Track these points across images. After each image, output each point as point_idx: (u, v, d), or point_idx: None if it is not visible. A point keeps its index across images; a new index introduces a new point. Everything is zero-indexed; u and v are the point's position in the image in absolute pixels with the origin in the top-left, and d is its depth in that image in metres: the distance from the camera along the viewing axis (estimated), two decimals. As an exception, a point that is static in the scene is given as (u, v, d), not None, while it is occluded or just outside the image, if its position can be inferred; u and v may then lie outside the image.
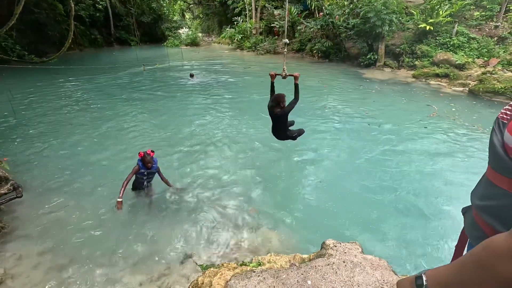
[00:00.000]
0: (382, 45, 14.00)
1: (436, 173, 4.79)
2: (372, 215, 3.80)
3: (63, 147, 5.70)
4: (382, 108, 8.22)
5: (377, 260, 2.04)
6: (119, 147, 5.71)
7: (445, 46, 12.69)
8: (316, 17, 17.81)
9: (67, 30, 18.11)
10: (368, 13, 12.88)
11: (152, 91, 10.31)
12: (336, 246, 2.23)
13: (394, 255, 3.09)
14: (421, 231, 3.50)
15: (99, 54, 21.81)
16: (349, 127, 6.84)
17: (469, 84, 10.25)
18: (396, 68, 13.87)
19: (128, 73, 13.81)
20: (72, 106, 8.45)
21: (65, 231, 3.50)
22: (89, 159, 5.23)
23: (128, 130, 6.64)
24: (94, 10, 23.27)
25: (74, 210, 3.87)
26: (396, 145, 5.82)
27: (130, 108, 8.16)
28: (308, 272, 1.94)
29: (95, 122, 7.05)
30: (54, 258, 3.13)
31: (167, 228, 3.56)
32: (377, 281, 1.83)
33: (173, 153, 5.49)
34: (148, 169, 3.82)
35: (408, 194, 4.24)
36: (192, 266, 2.86)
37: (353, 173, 4.86)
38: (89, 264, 3.04)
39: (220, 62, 17.73)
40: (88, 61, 17.53)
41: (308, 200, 4.16)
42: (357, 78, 12.60)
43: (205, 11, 37.82)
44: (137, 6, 28.46)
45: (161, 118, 7.39)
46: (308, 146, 5.80)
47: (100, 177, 4.63)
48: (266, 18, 23.05)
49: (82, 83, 11.50)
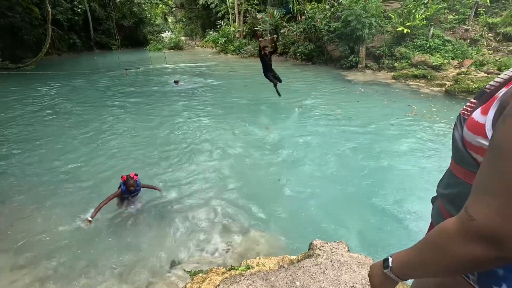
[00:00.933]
0: (363, 47, 14.39)
1: (417, 169, 4.95)
2: (357, 213, 3.88)
3: (38, 155, 5.49)
4: (365, 108, 8.44)
5: (363, 258, 2.09)
6: (99, 156, 5.55)
7: (422, 48, 13.19)
8: (299, 20, 18.10)
9: (44, 34, 17.54)
10: (348, 17, 13.22)
11: (134, 96, 10.12)
12: (323, 246, 2.26)
13: (380, 251, 3.16)
14: (404, 226, 3.61)
15: (79, 59, 21.21)
16: (331, 128, 6.97)
17: (445, 85, 10.68)
18: (376, 69, 14.27)
19: (110, 77, 13.50)
20: (49, 112, 8.16)
21: (43, 243, 3.36)
22: (66, 167, 5.06)
23: (108, 137, 6.47)
24: (73, 14, 22.64)
25: (52, 221, 3.72)
26: (376, 144, 5.98)
27: (111, 115, 7.96)
28: (296, 273, 1.96)
29: (73, 130, 6.83)
30: (34, 272, 3.00)
31: (153, 235, 3.49)
32: (364, 279, 1.87)
33: (155, 160, 5.40)
34: (131, 192, 3.78)
35: (391, 191, 4.36)
36: (180, 273, 2.81)
37: (336, 173, 4.95)
38: (72, 275, 2.93)
39: (204, 66, 17.66)
40: (67, 66, 16.98)
41: (294, 201, 4.20)
42: (340, 79, 12.87)
43: (187, 15, 37.59)
44: (118, 9, 27.91)
45: (143, 124, 7.26)
46: (290, 148, 5.87)
47: (79, 186, 4.49)
48: (250, 22, 23.19)
49: (61, 89, 11.12)
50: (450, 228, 0.52)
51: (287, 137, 6.42)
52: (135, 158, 5.45)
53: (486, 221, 0.47)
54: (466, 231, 0.49)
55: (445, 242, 0.53)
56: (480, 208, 0.48)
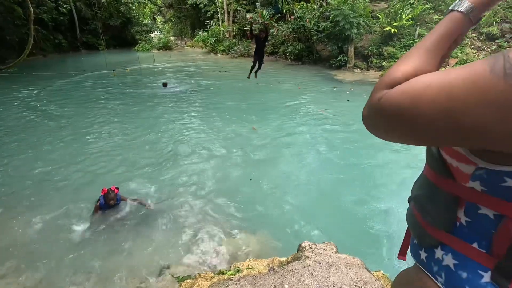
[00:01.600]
0: (352, 47, 14.55)
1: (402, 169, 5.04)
2: (345, 213, 3.92)
3: (19, 160, 5.33)
4: (355, 107, 8.54)
5: (351, 259, 2.10)
6: (82, 160, 5.40)
7: (409, 47, 13.42)
8: (288, 20, 18.16)
9: (27, 34, 17.04)
10: (337, 17, 13.34)
11: (121, 98, 9.91)
12: (311, 247, 2.26)
13: (367, 251, 3.20)
14: (391, 223, 3.66)
15: (65, 60, 20.74)
16: (322, 127, 7.02)
17: (431, 83, 10.90)
18: (365, 69, 14.46)
19: (97, 78, 13.23)
20: (32, 115, 7.92)
21: (29, 250, 3.26)
22: (47, 171, 4.91)
23: (92, 141, 6.30)
24: (57, 13, 22.08)
25: (37, 228, 3.62)
26: (364, 143, 6.06)
27: (96, 117, 7.74)
28: (285, 276, 1.95)
29: (56, 133, 6.64)
30: (20, 280, 2.91)
31: (140, 241, 3.43)
32: (351, 280, 1.88)
33: (140, 163, 5.29)
34: (110, 206, 3.63)
35: (378, 191, 4.42)
36: (169, 279, 2.77)
37: (325, 175, 4.99)
38: (59, 284, 2.86)
39: (194, 66, 17.51)
40: (52, 67, 16.54)
41: (283, 202, 4.21)
42: (330, 79, 12.98)
43: (176, 14, 37.22)
44: (104, 9, 27.38)
45: (129, 127, 7.09)
46: (277, 149, 5.89)
47: (61, 192, 4.37)
48: (239, 22, 23.13)
49: (44, 91, 10.78)
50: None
51: (275, 138, 6.43)
52: (119, 162, 5.33)
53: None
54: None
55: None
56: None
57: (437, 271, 0.65)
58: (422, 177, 0.73)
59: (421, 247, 0.73)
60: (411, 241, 0.83)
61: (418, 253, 0.74)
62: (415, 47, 0.56)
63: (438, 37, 0.56)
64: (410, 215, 0.78)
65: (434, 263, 0.66)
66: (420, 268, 0.74)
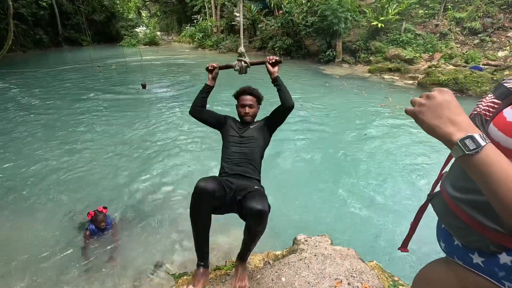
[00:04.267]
0: (340, 42, 14.65)
1: (395, 160, 5.15)
2: (337, 205, 3.98)
3: (5, 162, 5.15)
4: (344, 101, 8.64)
5: (346, 250, 2.14)
6: (72, 159, 5.27)
7: (396, 42, 13.65)
8: (276, 15, 18.09)
9: (6, 30, 16.33)
10: (325, 11, 13.38)
11: (106, 98, 9.53)
12: (307, 240, 2.29)
13: (359, 242, 3.26)
14: (383, 215, 3.74)
15: (46, 56, 20.01)
16: (313, 120, 7.08)
17: (417, 77, 11.13)
18: (353, 63, 14.61)
19: (82, 75, 12.85)
20: (10, 115, 7.61)
21: (17, 254, 3.16)
22: (37, 172, 4.77)
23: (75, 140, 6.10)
24: (37, 7, 21.26)
25: (25, 229, 3.51)
26: (357, 136, 6.15)
27: (79, 117, 7.46)
28: (281, 269, 1.97)
29: (39, 131, 6.44)
30: (9, 282, 2.82)
31: (135, 238, 3.39)
32: (347, 270, 1.91)
33: (125, 163, 5.17)
34: (101, 228, 3.19)
35: (369, 181, 4.51)
36: (164, 276, 2.76)
37: (317, 167, 5.04)
38: (50, 281, 2.79)
39: (181, 63, 17.24)
40: (32, 64, 15.95)
41: (276, 196, 4.23)
42: (319, 74, 13.06)
43: (162, 9, 36.51)
44: (87, 3, 26.51)
45: (112, 127, 6.81)
46: (275, 143, 5.88)
47: (53, 191, 4.25)
48: (227, 16, 22.89)
49: (23, 89, 10.39)
50: None
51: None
52: (101, 165, 5.09)
53: None
54: None
55: None
56: None
57: (504, 277, 0.64)
58: (469, 180, 0.65)
59: (472, 250, 0.71)
60: (448, 242, 0.80)
61: (469, 257, 0.72)
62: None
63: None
64: (451, 216, 0.75)
65: (499, 269, 0.65)
66: (465, 269, 0.73)
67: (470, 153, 0.53)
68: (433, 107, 0.59)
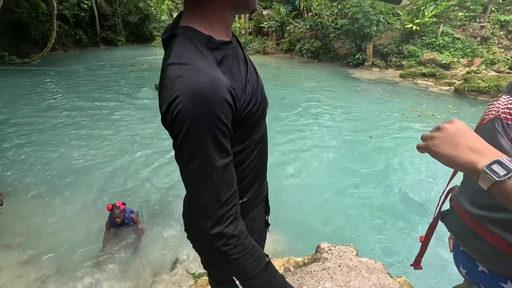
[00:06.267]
0: (370, 45, 14.17)
1: (425, 169, 4.85)
2: (364, 215, 3.80)
3: (48, 152, 5.49)
4: (376, 105, 8.32)
5: (373, 263, 2.02)
6: (108, 152, 5.53)
7: (431, 46, 12.94)
8: (305, 17, 17.90)
9: (50, 30, 17.59)
10: (356, 14, 13.01)
11: (138, 93, 10.08)
12: (331, 249, 2.19)
13: (389, 256, 3.08)
14: (414, 229, 3.52)
15: (85, 54, 21.27)
16: (340, 125, 6.87)
17: (454, 83, 10.48)
18: (384, 67, 14.06)
19: (115, 73, 13.52)
20: (56, 109, 8.17)
21: (48, 240, 3.35)
22: (75, 165, 5.04)
23: (116, 132, 6.47)
24: (79, 9, 22.69)
25: (58, 218, 3.71)
26: (387, 142, 5.88)
27: (119, 112, 7.94)
28: (303, 277, 1.89)
29: (80, 125, 6.85)
30: (38, 268, 2.99)
31: (158, 232, 3.46)
32: (374, 285, 1.80)
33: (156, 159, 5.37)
34: (116, 224, 3.21)
35: (400, 191, 4.27)
36: (183, 273, 2.77)
37: (342, 174, 4.86)
38: (74, 272, 2.91)
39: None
40: (72, 61, 17.04)
41: (299, 201, 4.13)
42: (348, 78, 12.71)
43: (193, 11, 37.41)
44: (124, 5, 27.92)
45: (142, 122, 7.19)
46: (294, 145, 5.78)
47: (88, 185, 4.47)
48: (255, 18, 23.01)
49: (66, 84, 11.16)
50: None
51: (289, 131, 6.33)
52: (128, 161, 5.34)
53: None
54: None
55: None
56: None
57: None
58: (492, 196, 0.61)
59: (504, 279, 0.64)
60: (471, 268, 0.72)
61: (499, 286, 0.65)
62: None
63: None
64: (476, 238, 0.67)
65: None
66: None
67: (501, 179, 0.49)
68: (448, 138, 0.57)
